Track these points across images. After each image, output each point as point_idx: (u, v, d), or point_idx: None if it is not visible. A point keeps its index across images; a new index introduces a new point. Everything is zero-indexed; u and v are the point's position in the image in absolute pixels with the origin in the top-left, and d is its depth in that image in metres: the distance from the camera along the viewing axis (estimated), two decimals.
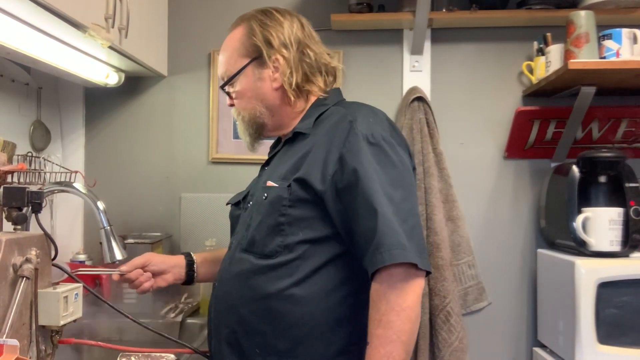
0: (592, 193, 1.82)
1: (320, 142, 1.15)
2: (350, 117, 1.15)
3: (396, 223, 1.02)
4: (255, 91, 1.28)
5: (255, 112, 1.29)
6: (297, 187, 1.13)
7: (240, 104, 1.31)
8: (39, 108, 1.99)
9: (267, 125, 1.30)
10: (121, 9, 1.65)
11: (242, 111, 1.31)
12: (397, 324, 0.99)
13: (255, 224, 1.18)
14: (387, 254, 1.00)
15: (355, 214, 1.06)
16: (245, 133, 1.33)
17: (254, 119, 1.29)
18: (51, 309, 1.09)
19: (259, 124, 1.30)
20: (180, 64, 2.20)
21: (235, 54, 1.29)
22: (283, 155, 1.26)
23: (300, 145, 1.20)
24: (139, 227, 2.15)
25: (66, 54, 1.68)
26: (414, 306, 1.01)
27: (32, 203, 1.11)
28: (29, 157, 1.85)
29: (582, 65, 1.69)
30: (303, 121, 1.26)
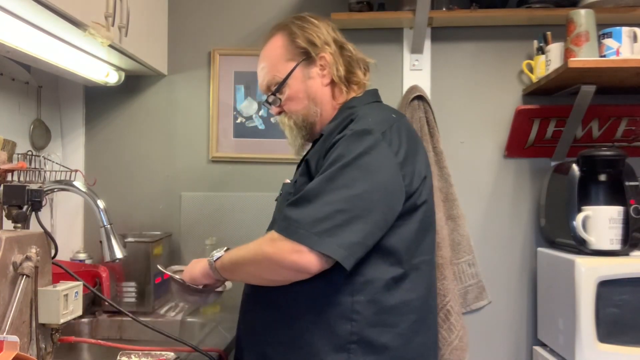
0: (592, 192, 1.82)
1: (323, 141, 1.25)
2: (353, 116, 1.23)
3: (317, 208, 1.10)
4: (307, 91, 1.32)
5: (309, 111, 1.33)
6: (302, 182, 1.21)
7: (291, 107, 1.34)
8: (39, 107, 1.99)
9: (317, 124, 1.34)
10: (121, 7, 1.65)
11: (293, 114, 1.34)
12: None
13: (276, 217, 1.31)
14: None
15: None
16: (298, 136, 1.36)
17: (307, 119, 1.34)
18: (51, 307, 1.09)
19: (311, 123, 1.34)
20: (181, 63, 2.20)
21: (280, 61, 1.35)
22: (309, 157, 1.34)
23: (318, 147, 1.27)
24: (139, 226, 2.15)
25: (66, 52, 1.68)
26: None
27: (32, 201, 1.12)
28: (29, 156, 1.85)
29: (582, 63, 1.69)
30: (330, 123, 1.31)
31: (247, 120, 2.17)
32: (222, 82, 2.17)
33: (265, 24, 2.17)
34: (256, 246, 1.16)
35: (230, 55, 2.17)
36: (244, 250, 1.20)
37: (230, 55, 2.17)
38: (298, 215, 1.09)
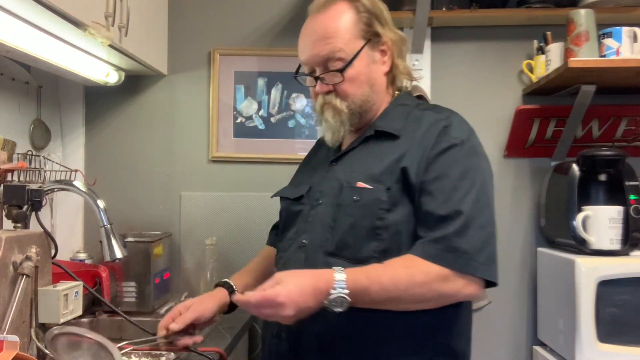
0: (592, 191, 1.82)
1: (415, 146, 1.12)
2: (445, 122, 1.14)
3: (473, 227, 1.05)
4: (369, 75, 1.19)
5: (367, 98, 1.19)
6: (396, 191, 1.10)
7: (349, 90, 1.18)
8: (39, 107, 1.99)
9: (368, 114, 1.22)
10: (121, 7, 1.65)
11: (350, 98, 1.18)
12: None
13: (346, 226, 1.12)
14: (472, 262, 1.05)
15: (434, 202, 1.07)
16: (346, 124, 1.20)
17: (363, 107, 1.19)
18: (51, 307, 1.09)
19: (365, 112, 1.20)
20: (181, 63, 2.20)
21: (348, 35, 1.17)
22: (363, 153, 1.20)
23: (388, 146, 1.15)
24: (139, 226, 2.15)
25: (66, 52, 1.68)
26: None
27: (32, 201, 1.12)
28: (29, 156, 1.85)
29: (582, 63, 1.69)
30: (384, 118, 1.21)
31: (247, 120, 2.17)
32: (222, 82, 2.17)
33: (265, 23, 2.17)
34: (421, 284, 1.03)
35: (230, 55, 2.17)
36: (393, 283, 1.03)
37: (230, 55, 2.17)
38: (466, 245, 1.03)
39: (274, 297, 0.97)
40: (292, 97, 2.16)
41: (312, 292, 0.99)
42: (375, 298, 1.02)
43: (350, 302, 1.00)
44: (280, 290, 0.98)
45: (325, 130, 1.22)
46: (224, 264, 2.10)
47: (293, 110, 2.16)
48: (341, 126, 1.19)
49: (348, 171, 1.18)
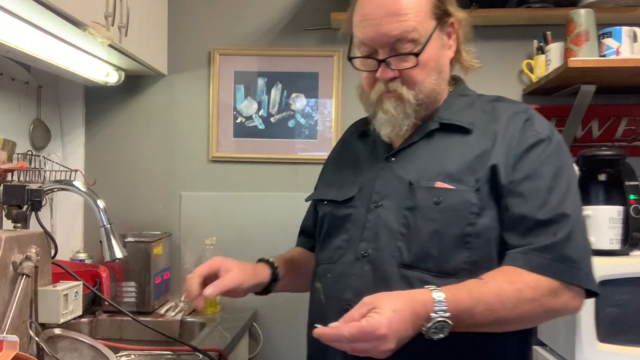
0: (592, 191, 1.81)
1: (498, 142, 1.00)
2: (525, 115, 1.03)
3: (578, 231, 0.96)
4: (437, 61, 1.05)
5: (435, 87, 1.04)
6: (486, 192, 0.97)
7: (418, 77, 1.02)
8: (39, 106, 1.99)
9: (432, 105, 1.07)
10: (121, 7, 1.65)
11: (418, 86, 1.02)
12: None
13: (426, 233, 0.97)
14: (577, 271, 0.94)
15: (528, 205, 0.95)
16: (411, 115, 1.04)
17: (430, 97, 1.04)
18: (51, 307, 1.09)
19: (431, 103, 1.05)
20: (180, 63, 2.20)
21: (423, 13, 1.02)
22: (429, 149, 1.05)
23: (460, 142, 1.02)
24: (139, 226, 2.15)
25: (66, 52, 1.68)
26: None
27: (32, 201, 1.12)
28: (28, 156, 1.85)
29: (582, 63, 1.69)
30: (448, 110, 1.07)
31: (247, 120, 2.17)
32: (222, 82, 2.17)
33: (265, 23, 2.17)
34: (530, 300, 0.90)
35: (230, 55, 2.17)
36: (500, 301, 0.89)
37: (230, 55, 2.17)
38: (575, 253, 0.94)
39: (374, 330, 0.79)
40: (292, 97, 2.16)
41: (410, 319, 0.83)
42: (479, 320, 0.88)
43: (451, 326, 0.85)
44: (380, 320, 0.80)
45: (381, 124, 1.05)
46: None
47: (293, 110, 2.16)
48: (404, 119, 1.03)
49: (414, 169, 1.03)
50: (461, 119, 1.05)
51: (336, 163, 1.24)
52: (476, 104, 1.08)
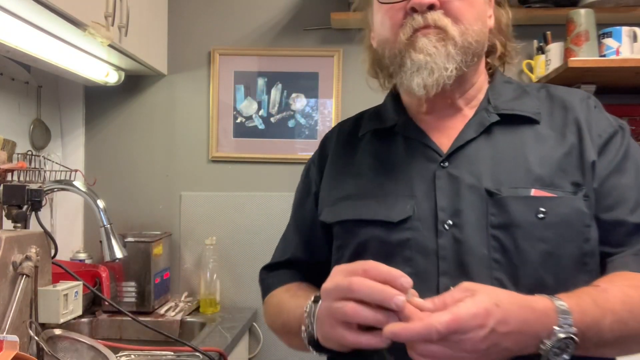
0: None
1: (581, 133, 0.82)
2: (592, 100, 0.88)
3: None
4: (481, 13, 0.85)
5: (482, 41, 0.85)
6: (592, 195, 0.79)
7: (465, 13, 0.82)
8: (39, 106, 1.99)
9: (471, 79, 0.88)
10: (121, 7, 1.65)
11: (464, 23, 0.81)
12: None
13: (535, 257, 0.76)
14: None
15: (621, 207, 0.80)
16: (453, 61, 0.80)
17: (475, 51, 0.84)
18: (51, 307, 1.09)
19: (474, 60, 0.84)
20: (181, 63, 2.20)
21: None
22: (496, 147, 0.83)
23: (532, 135, 0.83)
24: (139, 226, 2.15)
25: (66, 52, 1.68)
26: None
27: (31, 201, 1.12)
28: (28, 156, 1.85)
29: (582, 63, 1.69)
30: (499, 97, 0.87)
31: (247, 120, 2.17)
32: (222, 82, 2.17)
33: (266, 23, 2.17)
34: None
35: (230, 55, 2.17)
36: (628, 310, 0.70)
37: (230, 55, 2.17)
38: None
39: (469, 317, 0.61)
40: (292, 97, 2.16)
41: (518, 327, 0.63)
42: (606, 337, 0.69)
43: (577, 346, 0.65)
44: (478, 304, 0.62)
45: (414, 70, 0.81)
46: (223, 264, 2.10)
47: (293, 110, 2.16)
48: (448, 63, 0.80)
49: (487, 173, 0.81)
50: (524, 108, 0.85)
51: (351, 171, 0.92)
52: (528, 90, 0.90)
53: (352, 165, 0.93)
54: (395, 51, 0.83)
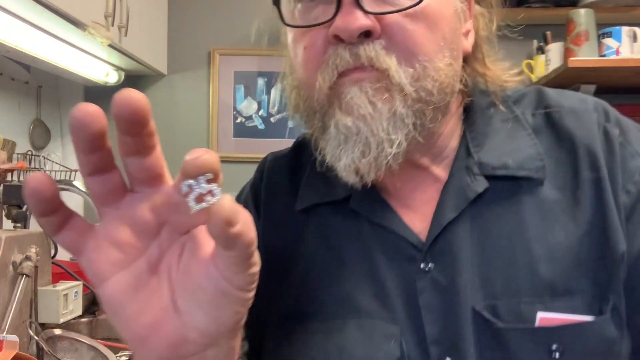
0: None
1: (603, 200, 0.54)
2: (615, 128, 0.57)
3: None
4: (449, 36, 0.53)
5: (451, 77, 0.53)
6: (622, 305, 0.53)
7: (417, 37, 0.50)
8: (39, 106, 1.99)
9: (440, 126, 0.56)
10: (121, 7, 1.65)
11: (422, 55, 0.50)
12: None
13: None
14: None
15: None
16: (403, 124, 0.51)
17: (441, 93, 0.52)
18: (51, 307, 1.09)
19: (439, 111, 0.53)
20: (181, 63, 2.20)
21: None
22: (485, 231, 0.55)
23: (534, 206, 0.55)
24: None
25: (66, 52, 1.68)
26: None
27: None
28: (28, 156, 1.85)
29: (582, 63, 1.69)
30: (485, 142, 0.58)
31: (247, 120, 2.17)
32: (222, 82, 2.17)
33: (266, 23, 2.17)
34: None
35: (230, 55, 2.17)
36: None
37: (230, 55, 2.17)
38: None
39: None
40: None
41: None
42: None
43: None
44: None
45: (340, 140, 0.51)
46: None
47: None
48: (393, 130, 0.50)
49: (473, 279, 0.54)
50: (522, 160, 0.56)
51: (297, 265, 0.61)
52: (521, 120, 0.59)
53: (297, 255, 0.61)
54: (314, 104, 0.53)
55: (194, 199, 0.35)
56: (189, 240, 0.37)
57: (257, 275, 0.36)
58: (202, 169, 0.35)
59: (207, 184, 0.35)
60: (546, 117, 0.59)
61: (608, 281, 0.52)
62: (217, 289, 0.35)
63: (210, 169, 0.35)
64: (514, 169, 0.55)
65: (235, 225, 0.32)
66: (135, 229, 0.37)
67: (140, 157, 0.38)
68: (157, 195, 0.39)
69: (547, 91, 0.62)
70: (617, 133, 0.57)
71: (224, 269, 0.34)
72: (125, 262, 0.36)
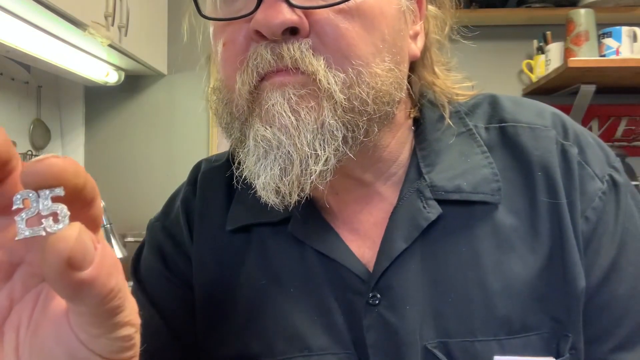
0: None
1: (562, 228, 0.50)
2: (572, 147, 0.53)
3: None
4: (389, 37, 0.47)
5: (393, 87, 0.48)
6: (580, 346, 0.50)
7: (359, 37, 0.45)
8: (39, 106, 1.99)
9: (382, 139, 0.51)
10: (121, 7, 1.65)
11: (355, 57, 0.44)
12: None
13: None
14: None
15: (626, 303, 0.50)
16: (332, 137, 0.44)
17: (375, 107, 0.46)
18: None
19: (378, 119, 0.47)
20: (181, 63, 2.20)
21: None
22: (433, 258, 0.51)
23: (487, 233, 0.51)
24: (139, 226, 2.15)
25: (66, 52, 1.68)
26: None
27: None
28: (28, 156, 1.85)
29: (581, 63, 1.69)
30: (436, 161, 0.53)
31: None
32: None
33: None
34: None
35: None
36: None
37: None
38: None
39: None
40: None
41: None
42: None
43: None
44: None
45: (259, 156, 0.46)
46: None
47: None
48: (319, 145, 0.44)
49: (425, 315, 0.49)
50: (477, 182, 0.51)
51: (238, 295, 0.55)
52: (474, 134, 0.56)
53: (237, 284, 0.55)
54: (233, 110, 0.48)
55: (25, 219, 0.24)
56: (45, 287, 0.28)
57: (133, 340, 0.27)
58: (46, 177, 0.23)
59: (51, 201, 0.24)
60: (501, 132, 0.55)
61: (567, 318, 0.49)
62: (71, 356, 0.26)
63: (60, 181, 0.24)
64: (468, 193, 0.51)
65: (82, 269, 0.23)
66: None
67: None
68: (9, 227, 0.27)
69: (502, 101, 0.59)
70: (576, 152, 0.53)
71: (78, 330, 0.25)
72: None
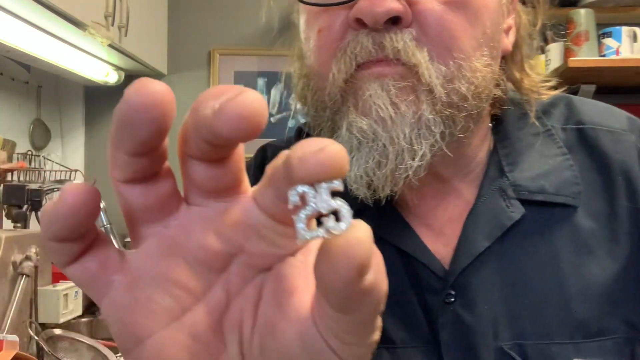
0: None
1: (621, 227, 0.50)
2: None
3: None
4: (488, 31, 0.45)
5: (488, 81, 0.46)
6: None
7: (462, 31, 0.43)
8: (39, 106, 1.99)
9: (472, 137, 0.50)
10: (121, 7, 1.65)
11: (458, 51, 0.43)
12: None
13: None
14: None
15: None
16: (430, 133, 0.43)
17: (473, 103, 0.45)
18: (51, 307, 1.09)
19: (473, 118, 0.46)
20: (180, 63, 2.20)
21: None
22: (510, 259, 0.50)
23: (566, 237, 0.50)
24: None
25: (66, 52, 1.68)
26: None
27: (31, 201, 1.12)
28: (28, 156, 1.85)
29: (581, 63, 1.69)
30: (518, 160, 0.52)
31: None
32: (222, 82, 2.17)
33: (265, 24, 2.17)
34: None
35: (230, 55, 2.17)
36: None
37: (230, 55, 2.17)
38: None
39: None
40: (292, 97, 2.15)
41: None
42: None
43: None
44: None
45: (353, 147, 0.43)
46: None
47: (293, 110, 2.16)
48: (417, 139, 0.43)
49: (501, 316, 0.49)
50: (558, 183, 0.50)
51: None
52: (554, 135, 0.53)
53: None
54: (324, 98, 0.46)
55: (305, 219, 0.20)
56: (269, 281, 0.24)
57: (376, 343, 0.23)
58: (330, 169, 0.20)
59: (330, 197, 0.20)
60: (578, 134, 0.53)
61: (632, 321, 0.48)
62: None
63: (341, 171, 0.20)
64: (551, 194, 0.50)
65: (367, 274, 0.20)
66: (191, 260, 0.23)
67: (214, 164, 0.24)
68: (228, 212, 0.24)
69: (577, 103, 0.57)
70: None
71: (329, 337, 0.22)
72: (173, 312, 0.23)
